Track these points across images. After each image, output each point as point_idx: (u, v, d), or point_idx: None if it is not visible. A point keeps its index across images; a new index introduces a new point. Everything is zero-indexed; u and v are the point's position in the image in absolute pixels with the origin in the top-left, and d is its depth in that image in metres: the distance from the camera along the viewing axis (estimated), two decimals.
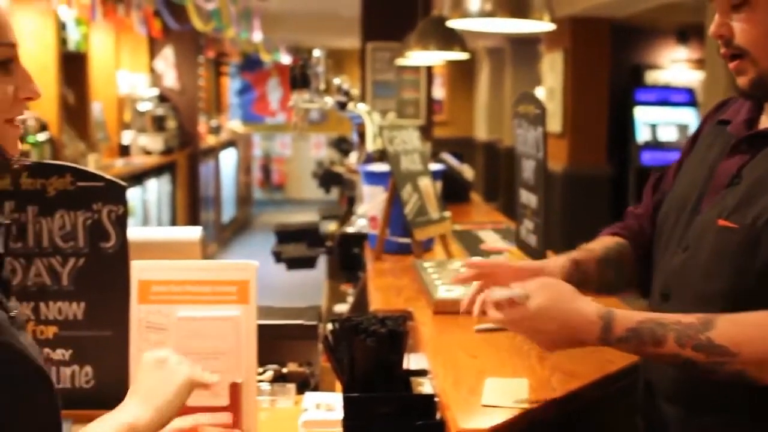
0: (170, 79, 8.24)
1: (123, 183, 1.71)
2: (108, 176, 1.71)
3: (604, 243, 1.66)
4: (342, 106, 3.25)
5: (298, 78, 3.14)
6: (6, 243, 1.12)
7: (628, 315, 1.31)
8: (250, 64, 13.69)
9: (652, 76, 8.80)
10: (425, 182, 2.88)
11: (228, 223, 10.57)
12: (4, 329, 1.03)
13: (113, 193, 1.69)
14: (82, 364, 1.71)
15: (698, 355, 1.24)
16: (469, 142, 13.01)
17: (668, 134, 8.51)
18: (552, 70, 7.93)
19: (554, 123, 7.73)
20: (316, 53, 3.20)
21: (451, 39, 5.21)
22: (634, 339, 1.28)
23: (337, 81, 3.29)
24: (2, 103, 1.09)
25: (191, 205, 8.53)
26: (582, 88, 7.53)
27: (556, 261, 1.61)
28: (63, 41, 5.77)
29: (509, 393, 1.48)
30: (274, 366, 1.87)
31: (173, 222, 7.95)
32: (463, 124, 13.70)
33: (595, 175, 7.70)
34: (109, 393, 1.66)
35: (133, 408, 1.09)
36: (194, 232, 1.85)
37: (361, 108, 3.36)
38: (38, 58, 5.43)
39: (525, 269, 1.55)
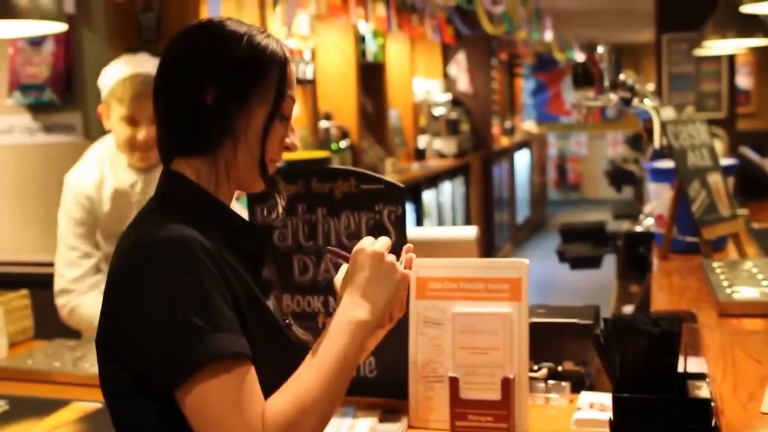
0: (463, 83, 8.44)
1: (401, 185, 1.81)
2: (387, 179, 1.82)
3: None
4: (627, 102, 3.17)
5: (581, 76, 3.12)
6: (264, 244, 1.27)
7: None
8: (544, 63, 13.65)
9: None
10: (715, 178, 2.74)
11: (522, 224, 10.62)
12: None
13: (393, 194, 1.79)
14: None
15: None
16: None
17: None
18: None
19: None
20: (600, 50, 3.16)
21: (752, 25, 4.87)
22: None
23: (621, 77, 3.22)
24: (277, 144, 1.26)
25: (485, 206, 8.67)
26: None
27: None
28: (362, 53, 6.13)
29: None
30: (549, 364, 1.88)
31: (467, 223, 8.13)
32: None
33: None
34: (389, 382, 1.78)
35: (360, 309, 1.26)
36: (470, 231, 1.91)
37: (647, 103, 3.26)
38: (340, 70, 5.82)
39: None
